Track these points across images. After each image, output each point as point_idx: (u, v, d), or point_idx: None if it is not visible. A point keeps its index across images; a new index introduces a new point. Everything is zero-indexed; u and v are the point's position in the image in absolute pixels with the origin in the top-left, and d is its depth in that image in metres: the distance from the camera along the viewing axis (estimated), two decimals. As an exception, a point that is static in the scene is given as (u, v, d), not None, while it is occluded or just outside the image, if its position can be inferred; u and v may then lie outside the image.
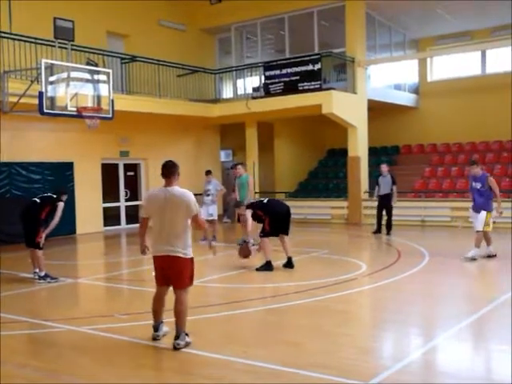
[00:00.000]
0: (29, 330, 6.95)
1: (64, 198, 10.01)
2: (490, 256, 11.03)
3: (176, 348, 5.77)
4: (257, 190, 20.21)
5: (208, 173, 14.82)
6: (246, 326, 6.94)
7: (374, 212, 16.35)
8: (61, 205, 9.85)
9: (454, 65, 21.65)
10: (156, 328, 6.11)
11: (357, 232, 16.96)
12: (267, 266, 10.30)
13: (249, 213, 10.53)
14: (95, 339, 6.42)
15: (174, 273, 5.93)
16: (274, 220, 10.33)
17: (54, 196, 9.94)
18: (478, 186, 10.93)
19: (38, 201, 9.88)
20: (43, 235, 9.80)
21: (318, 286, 8.80)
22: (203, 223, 6.25)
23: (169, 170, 6.09)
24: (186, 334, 5.90)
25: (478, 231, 10.94)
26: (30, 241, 9.82)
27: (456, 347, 6.08)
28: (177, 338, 5.84)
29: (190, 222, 6.04)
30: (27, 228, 9.87)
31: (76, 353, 5.99)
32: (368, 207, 17.90)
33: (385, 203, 15.36)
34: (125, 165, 18.94)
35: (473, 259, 10.80)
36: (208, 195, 14.50)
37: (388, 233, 15.33)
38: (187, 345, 5.84)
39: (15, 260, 12.39)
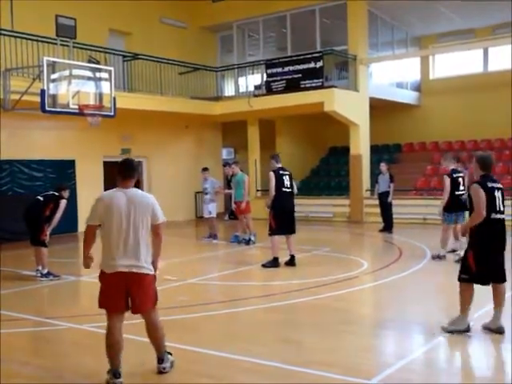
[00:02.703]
0: (30, 327, 6.96)
1: (65, 194, 10.04)
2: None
3: (162, 372, 5.14)
4: (259, 188, 20.25)
5: (204, 170, 14.75)
6: (247, 324, 6.94)
7: (376, 210, 16.38)
8: (63, 202, 9.87)
9: (456, 62, 21.60)
10: (117, 373, 4.92)
11: (358, 230, 16.96)
12: (274, 263, 10.36)
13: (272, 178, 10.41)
14: (97, 337, 6.41)
15: (139, 293, 4.96)
16: (279, 215, 10.36)
17: (57, 193, 9.96)
18: None
19: (41, 199, 9.91)
20: (48, 233, 9.83)
21: (319, 284, 8.81)
22: (161, 236, 5.15)
23: (132, 170, 5.12)
24: (169, 353, 5.25)
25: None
26: (34, 239, 9.84)
27: (458, 346, 6.07)
28: (161, 361, 5.16)
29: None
30: (31, 226, 9.89)
31: (78, 350, 6.00)
32: (370, 205, 17.88)
33: (383, 201, 15.45)
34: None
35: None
36: (206, 193, 14.48)
37: (389, 231, 15.35)
38: (173, 364, 5.23)
39: (17, 258, 12.40)
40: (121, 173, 5.08)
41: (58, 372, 5.35)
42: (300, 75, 17.84)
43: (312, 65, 17.69)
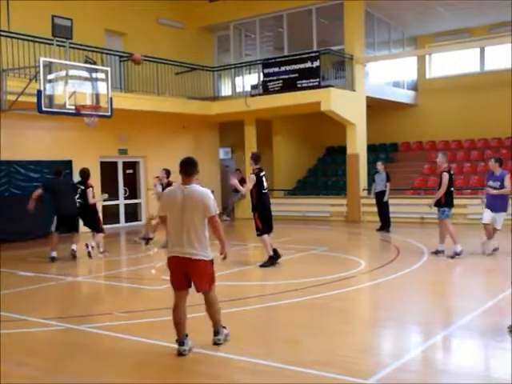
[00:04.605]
0: (28, 328, 6.95)
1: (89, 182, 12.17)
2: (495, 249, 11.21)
3: (217, 344, 5.80)
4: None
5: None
6: (245, 324, 6.94)
7: (373, 209, 16.38)
8: (90, 190, 12.04)
9: (452, 62, 21.66)
10: (182, 342, 5.59)
11: (356, 229, 16.98)
12: (271, 261, 10.45)
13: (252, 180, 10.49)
14: (95, 337, 6.42)
15: (196, 276, 5.64)
16: (264, 216, 10.54)
17: (75, 182, 12.41)
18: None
19: (80, 200, 11.87)
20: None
21: (316, 284, 8.81)
22: (218, 226, 5.77)
23: (190, 168, 5.70)
24: (223, 327, 5.93)
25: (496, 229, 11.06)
26: (96, 229, 12.31)
27: (455, 345, 6.09)
28: (216, 333, 5.85)
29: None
30: (90, 220, 12.21)
31: (75, 351, 5.99)
32: (367, 204, 17.90)
33: (380, 200, 15.47)
34: (124, 163, 18.93)
35: (495, 250, 11.06)
36: None
37: (387, 230, 15.38)
38: (226, 337, 5.90)
39: (15, 258, 12.39)
40: (181, 171, 5.71)
41: (56, 373, 5.34)
42: (297, 75, 17.84)
43: (309, 64, 17.70)
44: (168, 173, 13.29)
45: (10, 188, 15.38)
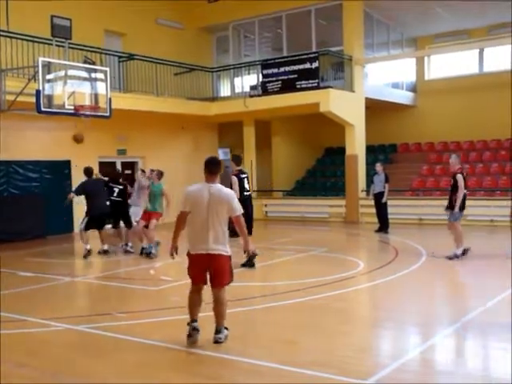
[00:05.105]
0: (27, 328, 6.94)
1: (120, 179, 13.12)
2: None
3: (218, 342, 5.86)
4: (254, 189, 20.23)
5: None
6: (243, 325, 6.94)
7: (372, 210, 16.39)
8: (129, 187, 12.88)
9: (451, 63, 21.67)
10: (194, 320, 5.94)
11: (354, 230, 16.98)
12: (251, 261, 10.28)
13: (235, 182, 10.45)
14: (94, 338, 6.42)
15: (216, 271, 5.87)
16: (244, 217, 10.39)
17: (106, 179, 12.71)
18: None
19: (120, 199, 12.60)
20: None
21: (316, 285, 8.81)
22: (243, 225, 6.03)
23: (215, 167, 5.96)
24: (226, 328, 5.99)
25: None
26: (130, 224, 12.71)
27: (454, 345, 6.09)
28: (218, 332, 5.92)
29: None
30: (125, 216, 12.71)
31: (74, 351, 5.99)
32: (365, 205, 17.90)
33: (379, 201, 15.48)
34: (122, 163, 18.91)
35: None
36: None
37: (385, 231, 15.38)
38: (227, 337, 5.94)
39: (14, 258, 12.38)
40: (206, 169, 5.93)
41: (55, 373, 5.34)
42: (296, 76, 17.85)
43: (308, 65, 17.71)
44: (152, 171, 13.15)
45: (8, 188, 15.38)
